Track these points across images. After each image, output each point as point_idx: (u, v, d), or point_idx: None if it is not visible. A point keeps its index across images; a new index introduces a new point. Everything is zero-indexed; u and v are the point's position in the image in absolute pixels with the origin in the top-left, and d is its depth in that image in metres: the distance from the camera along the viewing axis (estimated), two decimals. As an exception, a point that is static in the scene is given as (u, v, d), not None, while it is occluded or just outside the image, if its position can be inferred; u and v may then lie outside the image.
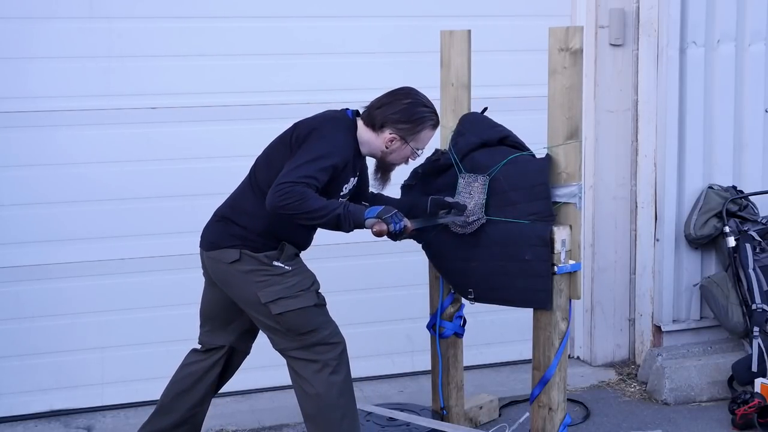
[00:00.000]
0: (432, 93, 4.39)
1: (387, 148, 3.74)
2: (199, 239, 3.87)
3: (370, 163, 3.91)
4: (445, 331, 4.35)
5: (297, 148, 3.61)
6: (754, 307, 4.95)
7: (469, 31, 4.22)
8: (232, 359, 3.97)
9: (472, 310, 4.42)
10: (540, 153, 3.94)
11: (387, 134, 3.72)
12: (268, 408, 4.87)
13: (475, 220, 3.91)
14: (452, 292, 4.33)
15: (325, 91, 4.92)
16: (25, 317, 4.69)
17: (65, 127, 4.64)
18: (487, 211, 3.91)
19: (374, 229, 3.51)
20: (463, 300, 4.35)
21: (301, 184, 3.45)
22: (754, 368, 4.83)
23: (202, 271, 3.92)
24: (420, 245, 4.21)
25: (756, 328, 4.90)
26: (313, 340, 3.69)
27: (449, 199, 3.96)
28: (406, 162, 3.87)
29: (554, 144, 3.89)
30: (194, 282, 4.84)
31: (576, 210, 3.88)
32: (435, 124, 3.80)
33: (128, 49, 4.67)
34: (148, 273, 4.82)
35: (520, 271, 3.87)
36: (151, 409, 3.99)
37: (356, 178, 3.80)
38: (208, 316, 3.95)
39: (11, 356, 4.69)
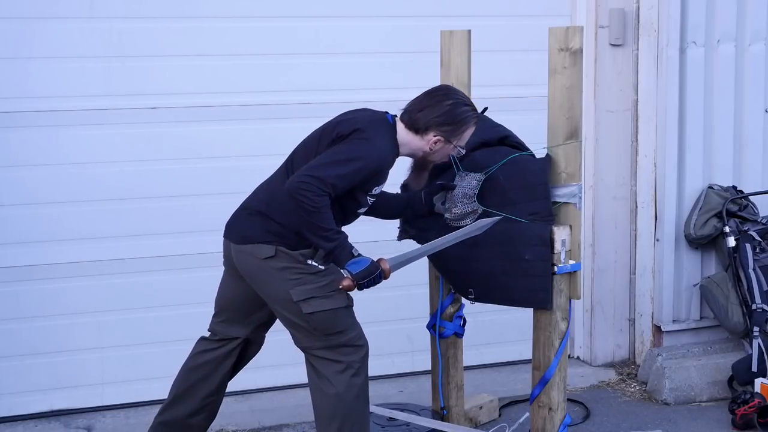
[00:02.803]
0: (432, 93, 4.40)
1: (431, 149, 3.73)
2: (225, 230, 3.80)
3: (406, 161, 3.88)
4: (445, 331, 4.35)
5: (338, 144, 3.59)
6: (754, 307, 4.95)
7: (469, 31, 4.22)
8: (246, 351, 3.95)
9: (472, 310, 4.42)
10: (540, 153, 3.94)
11: (431, 136, 3.69)
12: (268, 408, 4.87)
13: (469, 212, 3.92)
14: (452, 292, 4.33)
15: (325, 91, 4.92)
16: (24, 317, 4.68)
17: (65, 127, 4.64)
18: (487, 210, 3.91)
19: (343, 284, 3.53)
20: (463, 300, 4.35)
21: (329, 189, 3.43)
22: (754, 368, 4.83)
23: (222, 261, 3.86)
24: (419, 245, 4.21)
25: (756, 328, 4.90)
26: (339, 341, 3.68)
27: (439, 182, 3.98)
28: (447, 159, 3.87)
29: (554, 144, 3.89)
30: (194, 282, 4.86)
31: (576, 210, 3.88)
32: (477, 121, 3.79)
33: (128, 49, 4.67)
34: (148, 273, 4.82)
35: (520, 271, 3.87)
36: (150, 409, 3.99)
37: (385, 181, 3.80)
38: (227, 307, 3.90)
39: (11, 356, 4.69)
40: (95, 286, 4.76)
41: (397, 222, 4.24)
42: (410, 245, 4.18)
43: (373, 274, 3.54)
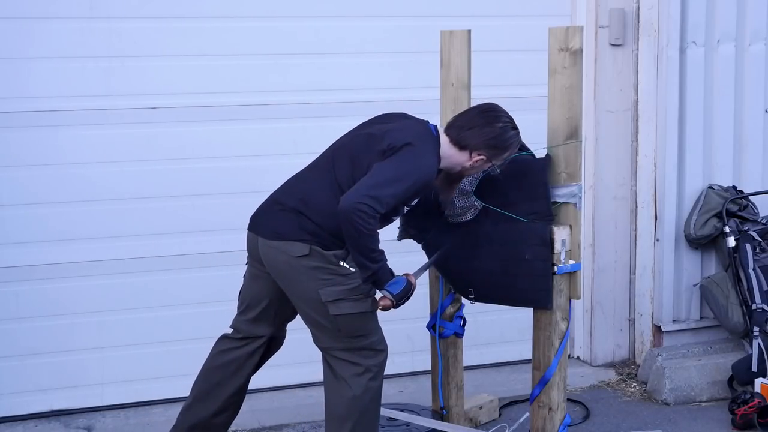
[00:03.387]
0: (432, 93, 4.41)
1: (471, 166, 3.73)
2: (251, 224, 3.77)
3: None
4: (445, 331, 4.36)
5: (388, 157, 3.57)
6: (754, 307, 4.95)
7: (469, 31, 4.22)
8: (270, 347, 3.93)
9: (472, 310, 4.42)
10: (540, 153, 3.94)
11: (476, 155, 3.70)
12: (268, 408, 4.87)
13: (468, 207, 3.92)
14: (452, 292, 4.33)
15: (324, 91, 4.92)
16: (24, 317, 4.68)
17: (65, 127, 4.63)
18: (487, 210, 3.91)
19: (381, 304, 3.59)
20: (463, 300, 4.35)
21: (383, 209, 3.44)
22: (754, 368, 4.83)
23: (246, 256, 3.84)
24: (420, 245, 4.21)
25: (756, 328, 4.90)
26: (361, 344, 3.68)
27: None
28: (478, 174, 3.88)
29: (554, 144, 3.89)
30: (194, 282, 4.86)
31: (576, 210, 3.88)
32: (519, 145, 3.83)
33: (128, 49, 4.67)
34: (148, 273, 4.81)
35: (521, 271, 3.88)
36: (151, 409, 3.99)
37: None
38: (254, 305, 3.86)
39: (11, 356, 4.69)
40: (95, 286, 4.75)
41: (396, 221, 4.24)
42: (409, 245, 4.19)
43: (408, 293, 3.58)
